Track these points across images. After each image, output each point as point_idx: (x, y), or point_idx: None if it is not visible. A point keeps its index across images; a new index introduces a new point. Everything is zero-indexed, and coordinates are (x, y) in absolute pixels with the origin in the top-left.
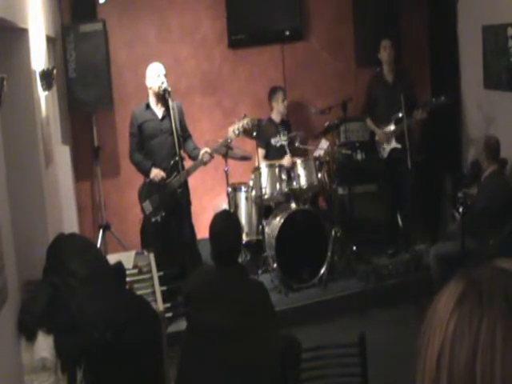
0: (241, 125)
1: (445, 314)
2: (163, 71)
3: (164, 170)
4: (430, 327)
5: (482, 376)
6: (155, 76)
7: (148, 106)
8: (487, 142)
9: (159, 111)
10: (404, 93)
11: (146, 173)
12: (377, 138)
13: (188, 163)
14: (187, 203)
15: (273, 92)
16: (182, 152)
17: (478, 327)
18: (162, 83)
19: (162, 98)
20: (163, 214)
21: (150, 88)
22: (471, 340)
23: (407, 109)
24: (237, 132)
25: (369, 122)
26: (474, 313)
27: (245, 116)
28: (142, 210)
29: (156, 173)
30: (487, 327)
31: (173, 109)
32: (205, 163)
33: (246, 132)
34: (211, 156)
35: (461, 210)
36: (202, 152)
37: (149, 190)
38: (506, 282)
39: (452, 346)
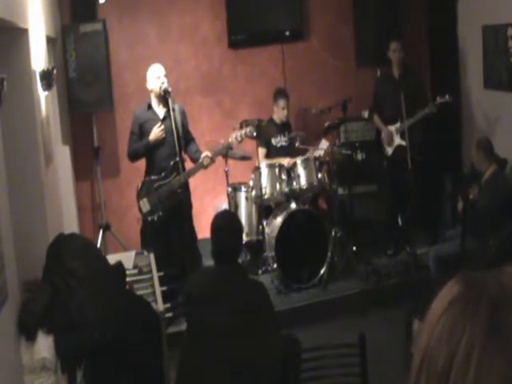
0: (243, 132)
1: (434, 317)
2: (163, 72)
3: (164, 169)
4: (424, 326)
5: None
6: (155, 78)
7: (150, 107)
8: (479, 144)
9: (161, 112)
10: (411, 89)
11: (147, 146)
12: (382, 135)
13: (189, 165)
14: (188, 205)
15: (278, 95)
16: (182, 153)
17: (458, 339)
18: (163, 83)
19: (164, 98)
20: (160, 213)
21: (152, 90)
22: (450, 350)
23: (415, 105)
24: (239, 139)
25: (376, 119)
26: (457, 323)
27: (247, 124)
28: (139, 208)
29: (155, 133)
30: (466, 340)
31: (173, 110)
32: (205, 167)
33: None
34: (212, 160)
35: (461, 205)
36: (202, 155)
37: (148, 188)
38: (496, 295)
39: (433, 350)
